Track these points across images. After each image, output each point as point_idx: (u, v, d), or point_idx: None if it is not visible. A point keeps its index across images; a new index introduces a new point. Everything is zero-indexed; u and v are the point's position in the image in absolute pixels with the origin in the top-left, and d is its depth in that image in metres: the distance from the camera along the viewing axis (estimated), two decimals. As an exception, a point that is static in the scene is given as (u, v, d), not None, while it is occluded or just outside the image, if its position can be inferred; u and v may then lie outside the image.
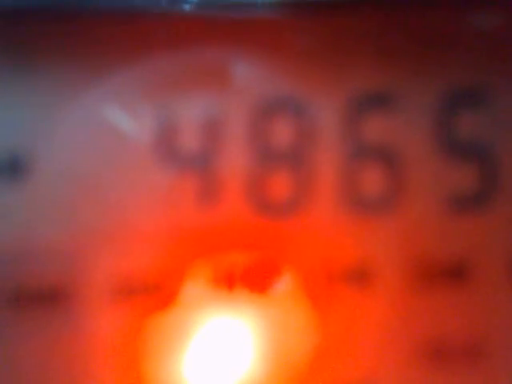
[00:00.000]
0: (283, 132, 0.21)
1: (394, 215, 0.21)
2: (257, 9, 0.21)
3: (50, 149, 0.21)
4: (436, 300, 0.21)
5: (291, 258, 0.21)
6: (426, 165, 0.21)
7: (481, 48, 0.21)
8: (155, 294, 0.21)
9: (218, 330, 0.21)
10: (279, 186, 0.21)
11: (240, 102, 0.21)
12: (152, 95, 0.21)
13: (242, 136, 0.21)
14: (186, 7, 0.20)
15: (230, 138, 0.21)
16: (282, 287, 0.21)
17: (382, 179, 0.21)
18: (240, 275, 0.21)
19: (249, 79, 0.21)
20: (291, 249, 0.21)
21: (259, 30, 0.21)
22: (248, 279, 0.21)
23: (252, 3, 0.21)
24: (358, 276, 0.21)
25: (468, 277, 0.21)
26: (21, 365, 0.21)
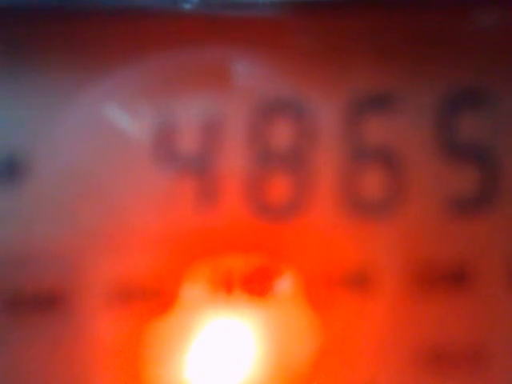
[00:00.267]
0: (283, 133, 0.21)
1: (395, 218, 0.21)
2: (257, 8, 0.20)
3: (49, 150, 0.21)
4: (437, 304, 0.21)
5: (291, 261, 0.21)
6: (427, 167, 0.21)
7: (482, 49, 0.21)
8: (154, 298, 0.21)
9: (218, 334, 0.21)
10: (279, 188, 0.21)
11: (239, 103, 0.21)
12: (151, 95, 0.21)
13: (242, 137, 0.21)
14: (187, 6, 0.20)
15: (230, 140, 0.21)
16: (282, 290, 0.21)
17: (383, 181, 0.21)
18: (239, 278, 0.21)
19: (248, 80, 0.21)
20: (291, 252, 0.21)
21: (260, 30, 0.21)
22: (247, 282, 0.21)
23: (253, 3, 0.20)
24: (359, 279, 0.21)
25: (469, 281, 0.21)
26: (19, 369, 0.21)
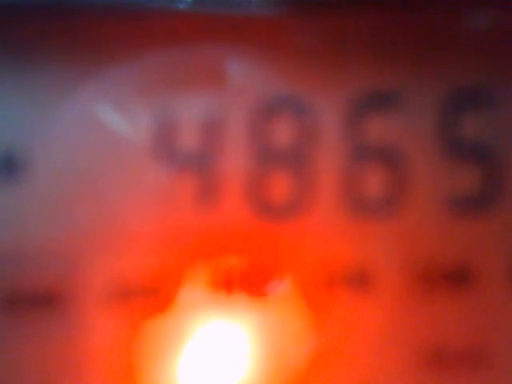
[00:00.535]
0: (284, 132, 0.21)
1: (397, 217, 0.21)
2: (254, 7, 0.20)
3: (46, 148, 0.21)
4: (438, 304, 0.21)
5: (291, 261, 0.21)
6: (429, 166, 0.21)
7: (484, 48, 0.21)
8: (152, 297, 0.21)
9: (216, 334, 0.21)
10: (280, 188, 0.21)
11: (240, 102, 0.21)
12: (150, 94, 0.21)
13: (242, 136, 0.21)
14: (183, 5, 0.20)
15: (230, 139, 0.21)
16: (282, 291, 0.21)
17: (384, 181, 0.21)
18: (239, 278, 0.21)
19: (249, 79, 0.21)
20: (291, 252, 0.21)
21: (259, 29, 0.21)
22: (247, 282, 0.21)
23: (247, 1, 0.20)
24: (359, 280, 0.21)
25: (470, 281, 0.21)
26: (16, 368, 0.21)
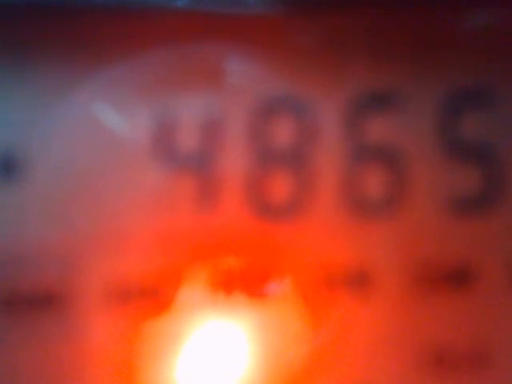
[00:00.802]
0: (283, 133, 0.21)
1: (397, 218, 0.21)
2: (253, 6, 0.20)
3: (46, 148, 0.21)
4: (438, 305, 0.21)
5: (291, 262, 0.21)
6: (429, 166, 0.21)
7: (485, 49, 0.21)
8: (152, 298, 0.21)
9: (216, 335, 0.21)
10: (279, 188, 0.21)
11: (240, 102, 0.21)
12: (149, 94, 0.21)
13: (242, 136, 0.21)
14: (180, 3, 0.20)
15: (229, 139, 0.21)
16: (281, 291, 0.21)
17: (384, 181, 0.21)
18: (238, 279, 0.21)
19: (248, 78, 0.21)
20: (291, 252, 0.21)
21: (260, 28, 0.20)
22: (246, 283, 0.21)
23: (245, 0, 0.20)
24: (359, 280, 0.21)
25: (471, 282, 0.21)
26: (15, 369, 0.21)
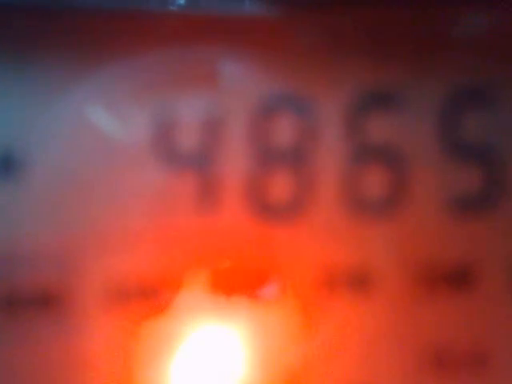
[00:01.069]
0: (283, 133, 0.21)
1: (397, 218, 0.21)
2: (251, 7, 0.20)
3: (44, 148, 0.21)
4: (438, 306, 0.21)
5: (291, 263, 0.21)
6: (430, 166, 0.21)
7: (485, 49, 0.21)
8: (151, 299, 0.21)
9: (216, 336, 0.21)
10: (280, 188, 0.21)
11: (240, 102, 0.21)
12: (149, 94, 0.21)
13: (243, 136, 0.21)
14: (180, 2, 0.20)
15: (229, 139, 0.21)
16: (282, 292, 0.21)
17: (385, 181, 0.21)
18: (238, 280, 0.21)
19: (248, 78, 0.21)
20: (291, 253, 0.21)
21: (260, 29, 0.20)
22: (246, 284, 0.21)
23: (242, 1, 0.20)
24: (360, 281, 0.21)
25: (471, 282, 0.21)
26: (13, 369, 0.21)
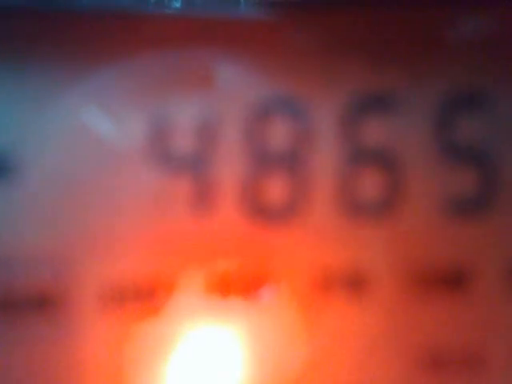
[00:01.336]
0: (279, 136, 0.21)
1: (393, 220, 0.21)
2: (246, 9, 0.20)
3: (39, 151, 0.21)
4: (434, 307, 0.21)
5: (286, 265, 0.21)
6: (425, 169, 0.21)
7: (481, 51, 0.21)
8: (147, 301, 0.21)
9: (211, 338, 0.21)
10: (275, 191, 0.21)
11: (235, 104, 0.21)
12: (145, 97, 0.21)
13: (237, 140, 0.21)
14: (176, 5, 0.20)
15: (224, 142, 0.21)
16: (277, 294, 0.21)
17: (380, 184, 0.21)
18: (234, 282, 0.21)
19: (244, 81, 0.21)
20: (286, 255, 0.21)
21: (255, 31, 0.20)
22: (242, 286, 0.21)
23: (237, 3, 0.20)
24: (355, 283, 0.21)
25: (466, 284, 0.21)
26: (8, 371, 0.21)
